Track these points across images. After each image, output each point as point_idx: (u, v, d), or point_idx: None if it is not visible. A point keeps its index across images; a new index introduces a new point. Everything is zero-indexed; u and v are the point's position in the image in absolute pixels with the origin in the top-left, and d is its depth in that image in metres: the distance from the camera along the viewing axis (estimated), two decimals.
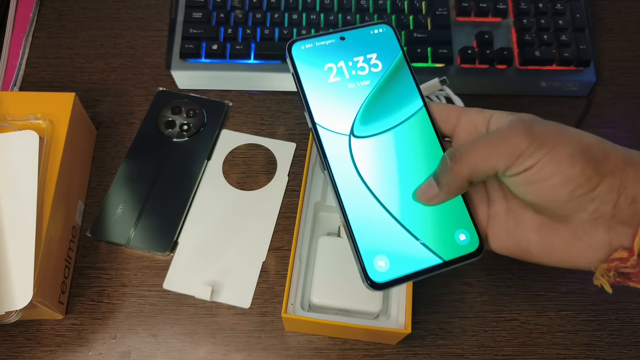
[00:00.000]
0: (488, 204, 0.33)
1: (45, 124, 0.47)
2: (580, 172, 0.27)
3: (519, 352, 0.45)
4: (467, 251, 0.32)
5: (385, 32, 0.36)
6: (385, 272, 0.31)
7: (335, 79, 0.34)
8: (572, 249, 0.29)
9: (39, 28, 0.61)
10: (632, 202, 0.27)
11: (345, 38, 0.35)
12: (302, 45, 0.35)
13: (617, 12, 0.63)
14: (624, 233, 0.27)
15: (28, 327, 0.46)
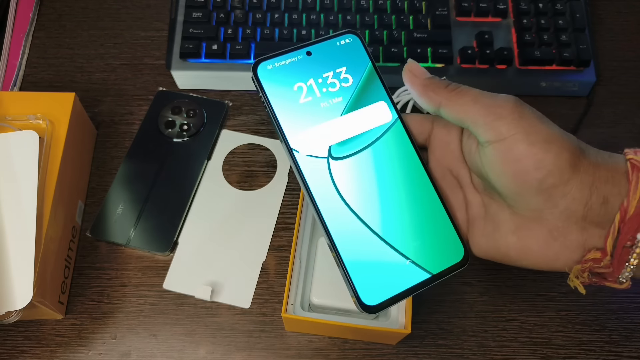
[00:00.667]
0: (467, 209, 0.33)
1: (45, 124, 0.47)
2: (553, 160, 0.27)
3: (519, 352, 0.45)
4: (453, 262, 0.32)
5: (353, 42, 0.35)
6: (377, 294, 0.31)
7: (306, 98, 0.33)
8: (548, 250, 0.29)
9: (39, 28, 0.61)
10: (603, 203, 0.27)
11: (312, 53, 0.34)
12: (268, 65, 0.34)
13: (617, 12, 0.63)
14: (597, 234, 0.28)
15: (28, 327, 0.46)
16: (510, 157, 0.28)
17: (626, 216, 0.26)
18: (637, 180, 0.26)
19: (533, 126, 0.28)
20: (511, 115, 0.28)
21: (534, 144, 0.27)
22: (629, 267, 0.27)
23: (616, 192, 0.27)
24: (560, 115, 0.57)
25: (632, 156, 0.27)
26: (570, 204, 0.27)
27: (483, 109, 0.29)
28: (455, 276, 0.32)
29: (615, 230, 0.27)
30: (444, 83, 0.32)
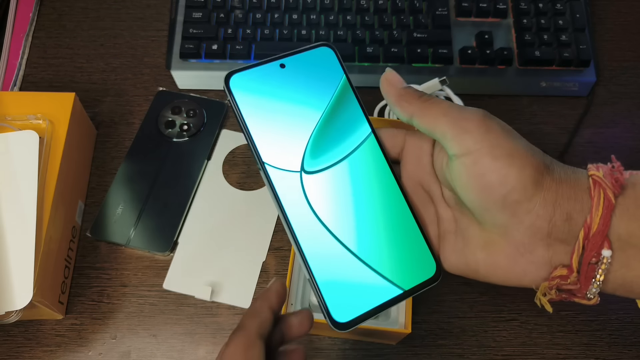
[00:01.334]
0: (438, 223, 0.33)
1: (45, 124, 0.47)
2: (516, 176, 0.27)
3: (519, 352, 0.45)
4: (425, 277, 0.32)
5: (327, 55, 0.35)
6: (347, 310, 0.31)
7: (279, 112, 0.33)
8: (515, 266, 0.29)
9: (39, 28, 0.61)
10: (566, 219, 0.27)
11: (286, 65, 0.33)
12: (241, 78, 0.33)
13: (617, 12, 0.63)
14: (563, 250, 0.28)
15: (28, 327, 0.46)
16: (476, 171, 0.28)
17: (590, 233, 0.27)
18: (599, 197, 0.27)
19: (498, 140, 0.28)
20: (478, 130, 0.28)
21: (498, 158, 0.27)
22: (596, 283, 0.27)
23: (579, 208, 0.27)
24: (560, 115, 0.57)
25: (594, 172, 0.28)
26: (535, 221, 0.28)
27: (451, 121, 0.29)
28: (455, 275, 0.32)
29: (580, 247, 0.27)
30: (418, 94, 0.32)
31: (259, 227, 0.50)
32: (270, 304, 0.31)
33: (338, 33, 0.57)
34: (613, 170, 0.27)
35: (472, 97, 0.56)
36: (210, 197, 0.52)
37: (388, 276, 0.32)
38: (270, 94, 0.33)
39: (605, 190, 0.26)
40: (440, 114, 0.30)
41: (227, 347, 0.29)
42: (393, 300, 0.31)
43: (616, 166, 0.28)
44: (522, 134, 0.59)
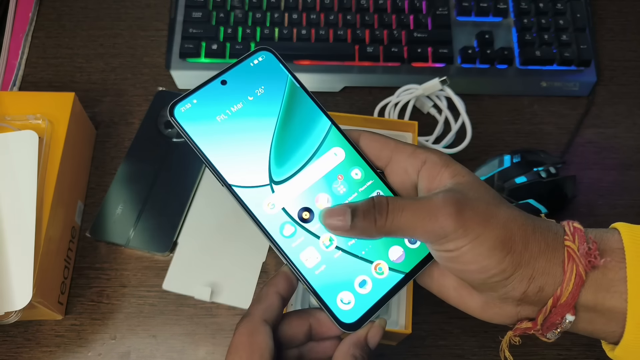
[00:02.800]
0: None
1: (45, 124, 0.47)
2: (496, 264, 0.28)
3: (519, 353, 0.45)
4: (423, 255, 0.31)
5: (267, 59, 0.33)
6: (353, 309, 0.30)
7: (233, 130, 0.32)
8: (484, 313, 0.30)
9: (38, 28, 0.61)
10: (539, 291, 0.28)
11: (227, 81, 0.32)
12: (185, 106, 0.32)
13: (617, 12, 0.63)
14: (530, 309, 0.29)
15: (27, 327, 0.46)
16: (458, 263, 0.29)
17: (558, 302, 0.28)
18: (572, 272, 0.27)
19: (478, 237, 0.28)
20: (455, 233, 0.28)
21: (479, 253, 0.28)
22: (555, 333, 0.29)
23: (551, 282, 0.28)
24: (560, 115, 0.57)
25: (570, 243, 0.28)
26: (509, 292, 0.28)
27: (425, 232, 0.28)
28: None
29: (547, 311, 0.28)
30: (369, 215, 0.29)
31: None
32: (277, 289, 0.31)
33: (338, 32, 0.57)
34: (589, 253, 0.28)
35: (473, 97, 0.56)
36: (210, 198, 0.51)
37: (386, 263, 0.31)
38: (219, 114, 0.32)
39: (578, 267, 0.27)
40: (409, 227, 0.29)
41: (233, 334, 0.29)
42: (396, 286, 0.31)
43: (593, 248, 0.28)
44: (522, 134, 0.59)
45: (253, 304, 0.30)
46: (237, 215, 0.51)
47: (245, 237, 0.50)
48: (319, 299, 0.30)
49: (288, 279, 0.31)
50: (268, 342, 0.29)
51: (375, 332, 0.31)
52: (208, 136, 0.31)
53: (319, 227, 0.31)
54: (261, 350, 0.28)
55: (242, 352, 0.29)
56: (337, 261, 0.31)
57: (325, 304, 0.30)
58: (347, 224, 0.29)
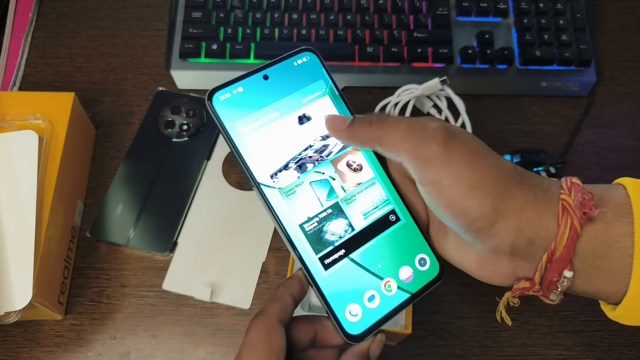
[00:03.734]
0: (426, 209, 0.33)
1: (45, 124, 0.47)
2: (477, 207, 0.27)
3: (519, 353, 0.45)
4: (430, 278, 0.32)
5: (310, 60, 0.33)
6: (359, 322, 0.30)
7: (267, 127, 0.32)
8: (481, 271, 0.30)
9: (38, 28, 0.61)
10: (528, 244, 0.28)
11: (269, 76, 0.32)
12: (224, 94, 0.31)
13: (617, 12, 0.63)
14: (526, 266, 0.29)
15: (27, 327, 0.46)
16: (440, 200, 0.28)
17: (553, 257, 0.27)
18: (566, 225, 0.27)
19: (460, 170, 0.27)
20: (439, 159, 0.28)
21: (459, 191, 0.27)
22: (556, 292, 0.28)
23: (542, 234, 0.27)
24: (560, 115, 0.57)
25: (565, 196, 0.27)
26: (497, 244, 0.28)
27: (411, 150, 0.28)
28: (457, 274, 0.32)
29: (542, 268, 0.28)
30: (367, 120, 0.31)
31: (259, 227, 0.50)
32: (291, 291, 0.31)
33: (338, 33, 0.57)
34: (584, 204, 0.27)
35: (473, 97, 0.56)
36: (209, 198, 0.51)
37: (395, 281, 0.32)
38: (256, 108, 0.32)
39: (573, 220, 0.26)
40: (399, 140, 0.29)
41: (248, 332, 0.29)
42: (402, 304, 0.31)
43: (588, 198, 0.27)
44: (522, 134, 0.59)
45: (269, 304, 0.30)
46: (237, 215, 0.51)
47: (245, 237, 0.50)
48: (328, 306, 0.30)
49: (301, 283, 0.31)
50: (283, 342, 0.29)
51: (376, 346, 0.31)
52: (242, 129, 0.31)
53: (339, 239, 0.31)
54: (278, 350, 0.29)
55: (260, 351, 0.29)
56: (350, 273, 0.31)
57: (334, 313, 0.30)
58: (344, 127, 0.31)
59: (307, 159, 0.32)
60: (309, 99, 0.33)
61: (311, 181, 0.32)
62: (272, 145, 0.32)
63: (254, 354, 0.28)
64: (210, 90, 0.31)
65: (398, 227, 0.32)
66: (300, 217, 0.31)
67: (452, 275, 0.47)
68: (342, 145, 0.33)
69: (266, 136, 0.32)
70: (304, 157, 0.32)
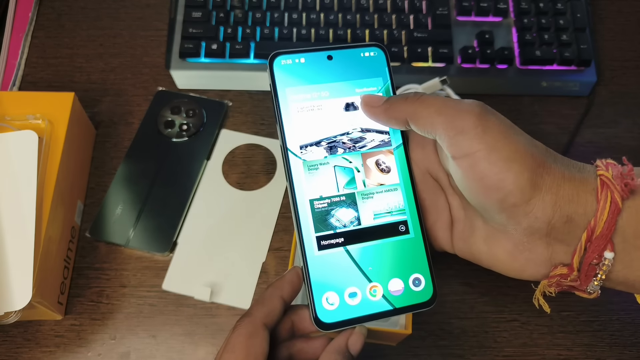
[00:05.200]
0: (450, 210, 0.33)
1: (45, 124, 0.47)
2: (513, 180, 0.26)
3: (519, 353, 0.45)
4: (419, 300, 0.32)
5: (377, 55, 0.34)
6: (333, 312, 0.30)
7: (314, 102, 0.32)
8: (514, 261, 0.29)
9: (38, 28, 0.61)
10: (566, 222, 0.26)
11: (333, 57, 0.33)
12: (284, 60, 0.33)
13: (618, 11, 0.63)
14: (563, 250, 0.27)
15: (27, 327, 0.46)
16: (473, 174, 0.28)
17: (593, 236, 0.26)
18: (606, 200, 0.26)
19: (496, 142, 0.27)
20: (474, 130, 0.27)
21: (495, 162, 0.27)
22: (596, 281, 0.27)
23: (581, 211, 0.26)
24: (561, 115, 0.56)
25: (603, 172, 0.26)
26: (533, 223, 0.27)
27: (446, 122, 0.28)
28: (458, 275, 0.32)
29: (582, 249, 0.26)
30: (403, 97, 0.31)
31: (259, 227, 0.50)
32: (281, 293, 0.31)
33: (338, 32, 0.57)
34: (624, 174, 0.26)
35: (473, 97, 0.56)
36: (209, 198, 0.51)
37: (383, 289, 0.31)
38: (311, 82, 0.33)
39: (613, 194, 0.25)
40: (434, 112, 0.29)
41: (231, 332, 0.29)
42: (381, 314, 0.31)
43: (627, 169, 0.26)
44: None
45: (256, 306, 0.30)
46: (237, 215, 0.51)
47: (245, 237, 0.49)
48: (308, 285, 0.30)
49: (292, 285, 0.31)
50: (265, 347, 0.29)
51: (355, 339, 0.31)
52: (291, 95, 0.32)
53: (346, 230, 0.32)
54: (257, 355, 0.28)
55: (238, 353, 0.28)
56: (341, 262, 0.31)
57: (312, 293, 0.30)
58: (380, 102, 0.31)
59: (340, 144, 0.33)
60: (362, 90, 0.33)
61: (336, 165, 0.32)
62: (313, 120, 0.32)
63: (232, 355, 0.28)
64: (274, 53, 0.32)
65: (404, 239, 0.32)
66: (313, 193, 0.32)
67: (452, 276, 0.48)
68: (378, 143, 0.33)
69: (310, 110, 0.32)
70: (337, 141, 0.33)
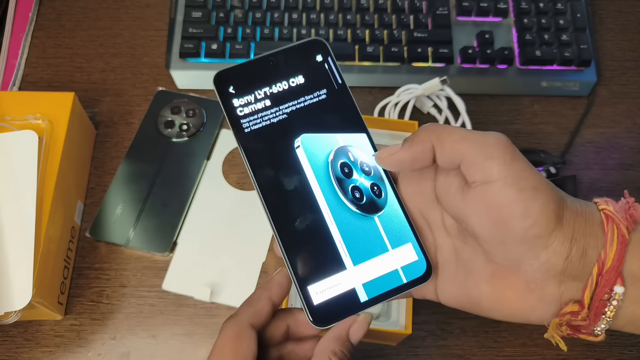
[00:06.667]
0: (436, 253, 0.31)
1: (45, 124, 0.47)
2: (540, 209, 0.26)
3: (519, 353, 0.45)
4: (414, 275, 0.30)
5: (318, 49, 0.33)
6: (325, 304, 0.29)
7: (270, 110, 0.31)
8: (524, 301, 0.28)
9: (38, 28, 0.61)
10: (582, 255, 0.26)
11: (275, 61, 0.32)
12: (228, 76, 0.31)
13: (618, 11, 0.63)
14: (574, 287, 0.27)
15: (27, 327, 0.46)
16: (498, 201, 0.27)
17: (604, 269, 0.26)
18: (613, 232, 0.26)
19: (523, 171, 0.27)
20: (503, 157, 0.27)
21: (523, 190, 0.26)
22: (605, 319, 0.27)
23: (593, 244, 0.26)
24: (561, 115, 0.56)
25: (604, 206, 0.27)
26: (551, 257, 0.27)
27: (474, 147, 0.27)
28: None
29: (593, 284, 0.26)
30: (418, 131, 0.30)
31: (259, 227, 0.50)
32: (269, 295, 0.30)
33: (338, 32, 0.57)
34: (625, 207, 0.26)
35: (473, 97, 0.56)
36: (209, 198, 0.51)
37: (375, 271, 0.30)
38: (260, 91, 0.32)
39: (619, 226, 0.26)
40: (459, 139, 0.28)
41: (218, 335, 0.29)
42: (377, 298, 0.29)
43: (630, 202, 0.27)
44: (522, 134, 0.59)
45: (243, 307, 0.30)
46: (237, 215, 0.51)
47: (245, 237, 0.49)
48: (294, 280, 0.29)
49: (281, 286, 0.30)
50: (252, 347, 0.28)
51: (358, 326, 0.29)
52: (243, 111, 0.31)
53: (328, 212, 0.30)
54: (245, 356, 0.28)
55: (225, 355, 0.28)
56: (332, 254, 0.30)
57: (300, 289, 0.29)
58: (398, 147, 0.29)
59: None
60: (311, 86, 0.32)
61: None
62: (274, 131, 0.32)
63: (219, 358, 0.28)
64: (216, 73, 0.31)
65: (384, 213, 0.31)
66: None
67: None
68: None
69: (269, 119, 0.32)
70: None
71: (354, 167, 0.32)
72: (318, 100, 0.32)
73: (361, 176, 0.32)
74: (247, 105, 0.31)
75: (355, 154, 0.32)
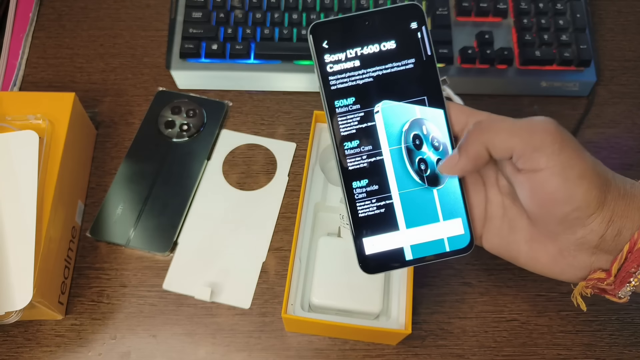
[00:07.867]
0: (486, 206, 0.34)
1: (45, 124, 0.47)
2: (583, 195, 0.28)
3: (519, 353, 0.45)
4: (457, 247, 0.33)
5: (414, 12, 0.34)
6: (376, 255, 0.32)
7: (357, 66, 0.33)
8: (555, 265, 0.31)
9: (38, 28, 0.61)
10: (617, 235, 0.28)
11: (369, 21, 0.33)
12: (323, 27, 0.33)
13: (617, 12, 0.63)
14: (604, 259, 0.29)
15: (28, 327, 0.46)
16: (543, 188, 0.29)
17: (635, 247, 0.28)
18: None
19: (571, 159, 0.28)
20: (551, 147, 0.28)
21: (568, 179, 0.28)
22: (629, 287, 0.29)
23: (629, 226, 0.28)
24: (561, 115, 0.57)
25: None
26: (588, 234, 0.29)
27: (523, 142, 0.29)
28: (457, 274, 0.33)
29: (623, 258, 0.28)
30: (466, 137, 0.32)
31: (259, 227, 0.50)
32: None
33: None
34: None
35: (473, 97, 0.56)
36: (210, 198, 0.51)
37: (421, 234, 0.33)
38: (351, 50, 0.33)
39: None
40: (507, 136, 0.30)
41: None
42: (418, 260, 0.32)
43: None
44: None
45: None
46: (237, 216, 0.51)
47: (245, 237, 0.50)
48: (352, 229, 0.32)
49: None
50: None
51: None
52: (333, 64, 0.33)
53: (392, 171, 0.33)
54: None
55: None
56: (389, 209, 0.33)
57: (358, 239, 0.32)
58: (457, 158, 0.31)
59: None
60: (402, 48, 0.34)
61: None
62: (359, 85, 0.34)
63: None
64: (313, 24, 0.33)
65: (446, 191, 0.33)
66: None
67: (452, 276, 0.48)
68: None
69: (354, 73, 0.34)
70: None
71: (425, 141, 0.33)
72: (405, 68, 0.34)
73: (430, 150, 0.33)
74: (337, 63, 0.33)
75: (429, 128, 0.34)
